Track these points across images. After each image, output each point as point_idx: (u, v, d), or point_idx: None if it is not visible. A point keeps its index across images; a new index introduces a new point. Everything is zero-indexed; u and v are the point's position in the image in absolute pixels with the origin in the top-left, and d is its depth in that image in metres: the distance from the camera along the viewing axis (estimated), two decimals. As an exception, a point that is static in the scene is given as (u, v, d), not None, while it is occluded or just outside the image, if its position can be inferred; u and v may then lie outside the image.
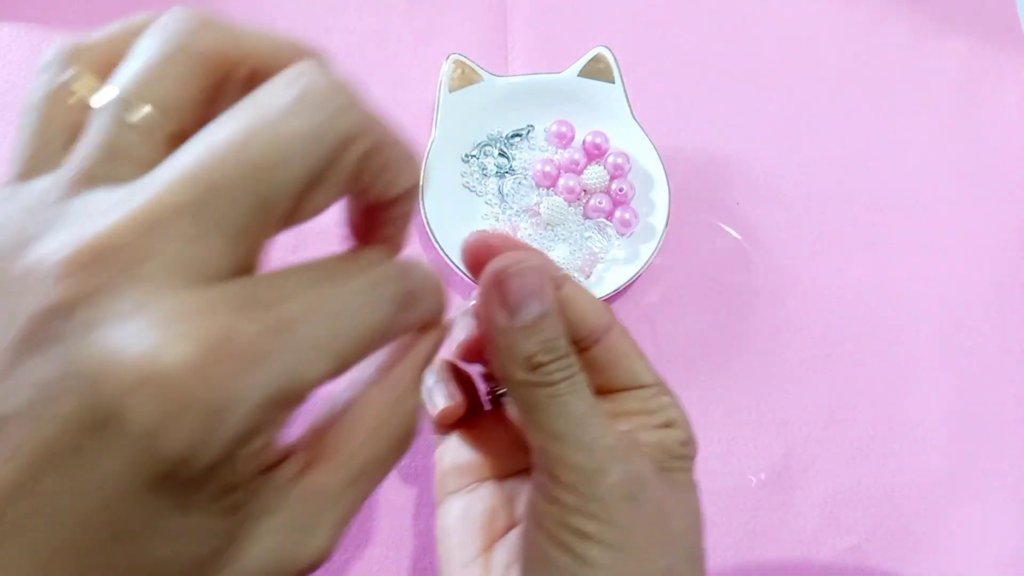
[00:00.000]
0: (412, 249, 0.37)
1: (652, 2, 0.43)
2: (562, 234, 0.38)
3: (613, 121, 0.38)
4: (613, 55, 0.38)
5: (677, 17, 0.43)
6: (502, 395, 0.28)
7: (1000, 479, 0.36)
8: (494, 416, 0.27)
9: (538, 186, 0.38)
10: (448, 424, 0.27)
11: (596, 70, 0.38)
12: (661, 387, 0.24)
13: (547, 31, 0.42)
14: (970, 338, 0.38)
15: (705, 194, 0.39)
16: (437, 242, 0.35)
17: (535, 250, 0.23)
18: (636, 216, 0.37)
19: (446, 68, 0.38)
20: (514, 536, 0.25)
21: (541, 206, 0.37)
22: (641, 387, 0.24)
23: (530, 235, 0.37)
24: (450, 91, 0.38)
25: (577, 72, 0.38)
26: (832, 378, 0.37)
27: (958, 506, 0.35)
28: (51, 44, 0.15)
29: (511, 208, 0.38)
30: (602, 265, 0.37)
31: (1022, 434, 0.36)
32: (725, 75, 0.42)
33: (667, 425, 0.23)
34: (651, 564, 0.21)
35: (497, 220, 0.38)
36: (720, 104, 0.41)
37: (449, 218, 0.36)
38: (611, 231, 0.38)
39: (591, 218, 0.38)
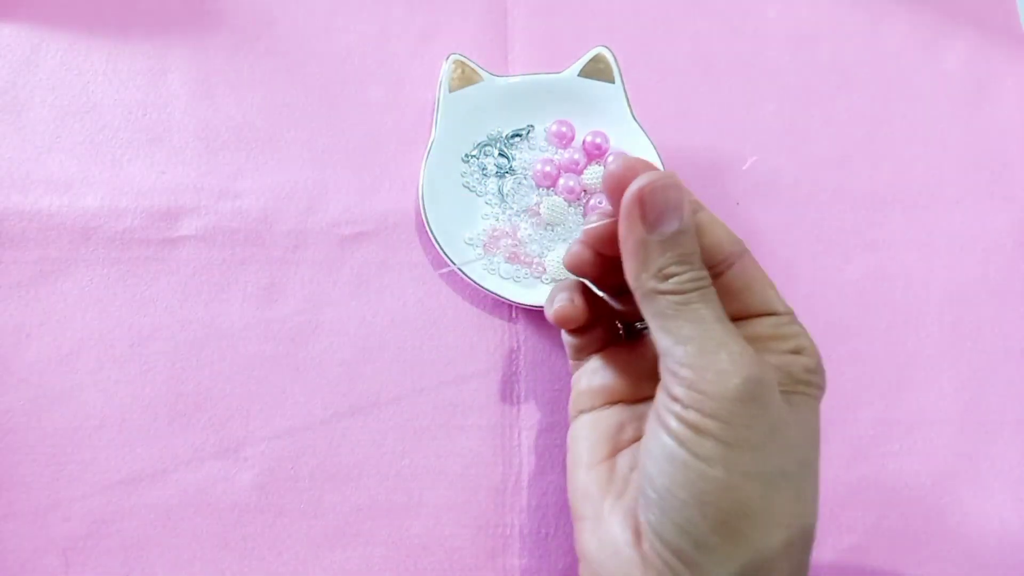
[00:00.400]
0: (413, 249, 0.37)
1: (652, 2, 0.43)
2: (562, 234, 0.38)
3: (613, 121, 0.38)
4: (613, 55, 0.38)
5: (677, 17, 0.43)
6: (641, 330, 0.29)
7: (1000, 479, 0.36)
8: (629, 347, 0.29)
9: (538, 186, 0.38)
10: (569, 330, 0.29)
11: (596, 70, 0.38)
12: (792, 316, 0.25)
13: (547, 31, 0.42)
14: (970, 338, 0.38)
15: (705, 194, 0.39)
16: (437, 242, 0.35)
17: (675, 175, 0.24)
18: (636, 216, 0.37)
19: (446, 68, 0.38)
20: (638, 446, 0.26)
21: (541, 206, 0.37)
22: (773, 314, 0.24)
23: (530, 235, 0.37)
24: (450, 91, 0.38)
25: (577, 72, 0.38)
26: (832, 378, 0.37)
27: (958, 506, 0.35)
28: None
29: (511, 208, 0.38)
30: (602, 265, 0.37)
31: (1022, 434, 0.37)
32: (725, 75, 0.42)
33: (796, 351, 0.24)
34: (763, 464, 0.22)
35: (497, 220, 0.38)
36: (720, 104, 0.41)
37: (449, 218, 0.36)
38: (611, 231, 0.38)
39: (591, 218, 0.38)
